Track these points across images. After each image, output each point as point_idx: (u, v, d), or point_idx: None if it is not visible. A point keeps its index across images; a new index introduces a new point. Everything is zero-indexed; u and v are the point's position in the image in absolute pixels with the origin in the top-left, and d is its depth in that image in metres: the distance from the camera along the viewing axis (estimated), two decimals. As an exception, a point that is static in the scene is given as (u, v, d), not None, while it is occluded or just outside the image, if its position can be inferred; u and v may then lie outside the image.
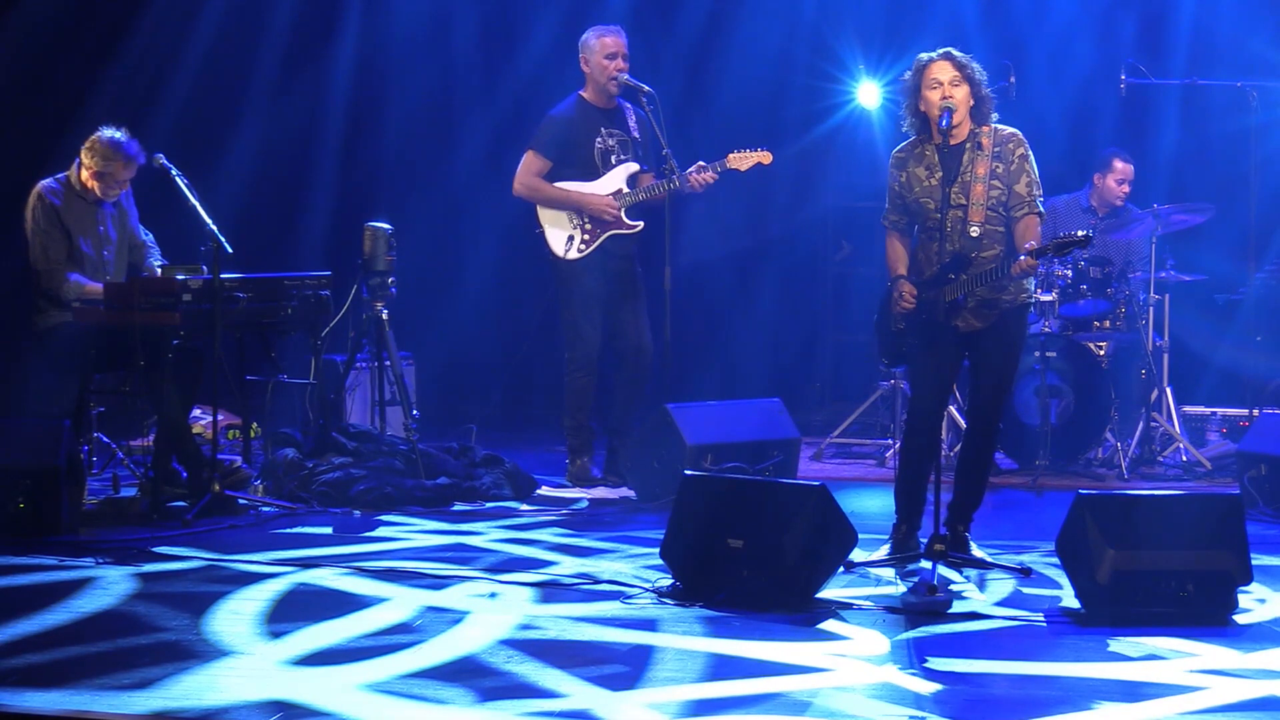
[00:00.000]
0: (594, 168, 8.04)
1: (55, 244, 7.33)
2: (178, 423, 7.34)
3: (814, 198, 10.95)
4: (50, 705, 4.26)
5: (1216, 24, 9.90)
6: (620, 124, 8.10)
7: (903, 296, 6.15)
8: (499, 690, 4.47)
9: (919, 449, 6.26)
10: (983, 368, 6.23)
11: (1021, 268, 5.97)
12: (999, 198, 6.13)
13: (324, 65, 10.52)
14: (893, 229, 6.31)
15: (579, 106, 8.10)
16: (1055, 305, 8.57)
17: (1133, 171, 9.14)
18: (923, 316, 6.12)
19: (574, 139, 8.02)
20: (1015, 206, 6.14)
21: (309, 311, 7.62)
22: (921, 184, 6.17)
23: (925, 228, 6.20)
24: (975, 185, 6.09)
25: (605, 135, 8.06)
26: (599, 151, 8.04)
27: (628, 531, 6.95)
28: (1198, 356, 9.40)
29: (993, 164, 6.12)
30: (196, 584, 5.78)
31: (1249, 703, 4.44)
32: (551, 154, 8.03)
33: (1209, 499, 5.93)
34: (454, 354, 10.48)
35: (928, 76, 6.10)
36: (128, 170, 7.40)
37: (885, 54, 10.13)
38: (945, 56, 6.13)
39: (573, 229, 8.04)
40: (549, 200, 8.04)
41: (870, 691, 4.51)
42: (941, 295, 6.01)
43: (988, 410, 6.27)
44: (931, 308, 6.06)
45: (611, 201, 7.98)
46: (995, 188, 6.12)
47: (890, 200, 6.31)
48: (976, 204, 6.08)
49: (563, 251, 8.06)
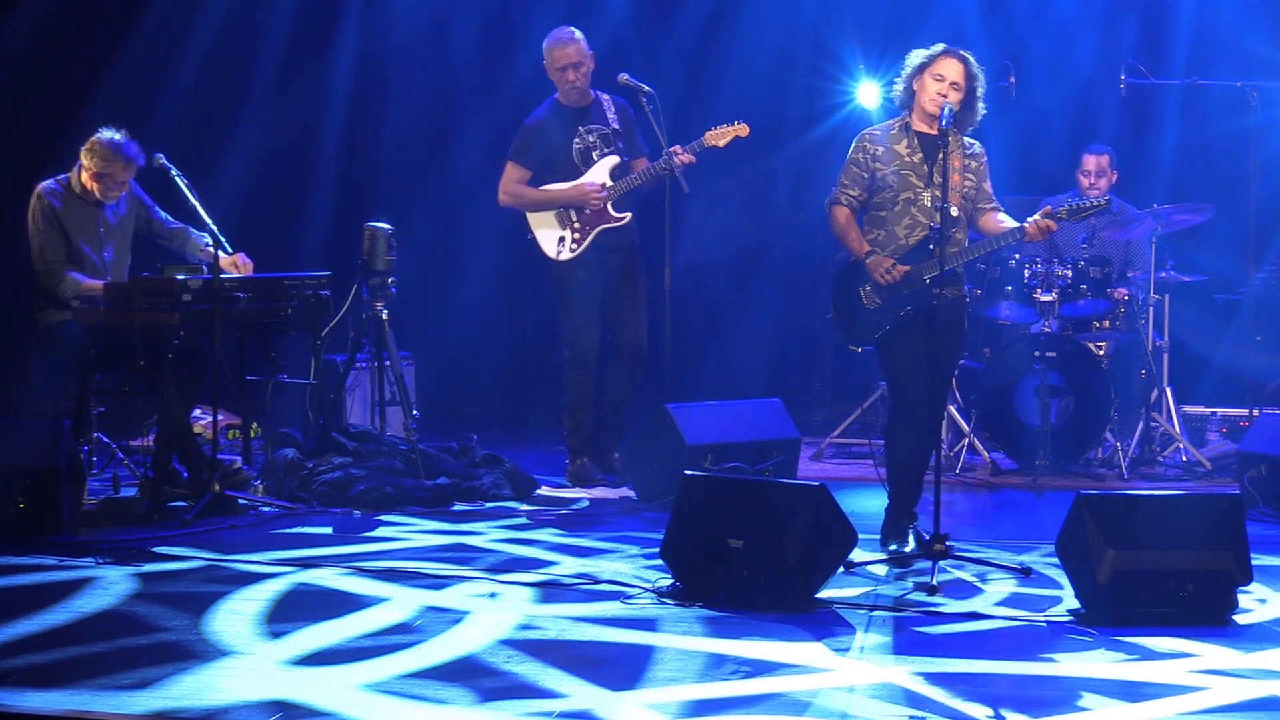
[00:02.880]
0: (574, 169, 8.08)
1: (54, 245, 7.34)
2: (178, 423, 7.34)
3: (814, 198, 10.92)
4: (50, 705, 4.26)
5: (1216, 24, 9.90)
6: (598, 118, 8.12)
7: (890, 271, 6.19)
8: (499, 690, 4.47)
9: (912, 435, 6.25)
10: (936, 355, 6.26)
11: (1039, 226, 6.07)
12: (969, 191, 6.29)
13: (324, 65, 10.52)
14: (846, 205, 6.36)
15: (552, 110, 8.16)
16: (1055, 305, 8.57)
17: (1102, 162, 9.08)
18: (904, 291, 6.17)
19: (550, 144, 8.08)
20: (983, 201, 6.36)
21: (309, 311, 7.62)
22: (903, 159, 6.26)
23: (897, 201, 6.25)
24: (953, 174, 6.19)
25: (583, 134, 8.10)
26: (577, 152, 8.08)
27: (628, 531, 6.95)
28: (1198, 356, 9.41)
29: (965, 160, 6.30)
30: (196, 584, 5.78)
31: (1249, 703, 4.44)
32: (529, 162, 8.10)
33: (1209, 499, 5.93)
34: (454, 354, 10.49)
35: (936, 66, 6.20)
36: (127, 172, 7.40)
37: (885, 54, 10.11)
38: (962, 60, 6.20)
39: (563, 230, 8.07)
40: (533, 204, 8.09)
41: (870, 691, 4.51)
42: (920, 273, 6.13)
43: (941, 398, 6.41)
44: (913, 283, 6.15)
45: (594, 186, 8.00)
46: (968, 180, 6.30)
47: (851, 177, 6.35)
48: (954, 189, 6.19)
49: (555, 253, 8.08)
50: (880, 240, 6.30)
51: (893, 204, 6.27)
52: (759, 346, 10.65)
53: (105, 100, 9.35)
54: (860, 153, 6.34)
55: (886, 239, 6.28)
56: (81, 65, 9.62)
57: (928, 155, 6.24)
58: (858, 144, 6.38)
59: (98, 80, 9.57)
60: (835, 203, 6.40)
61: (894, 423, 6.39)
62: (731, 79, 10.48)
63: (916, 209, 6.24)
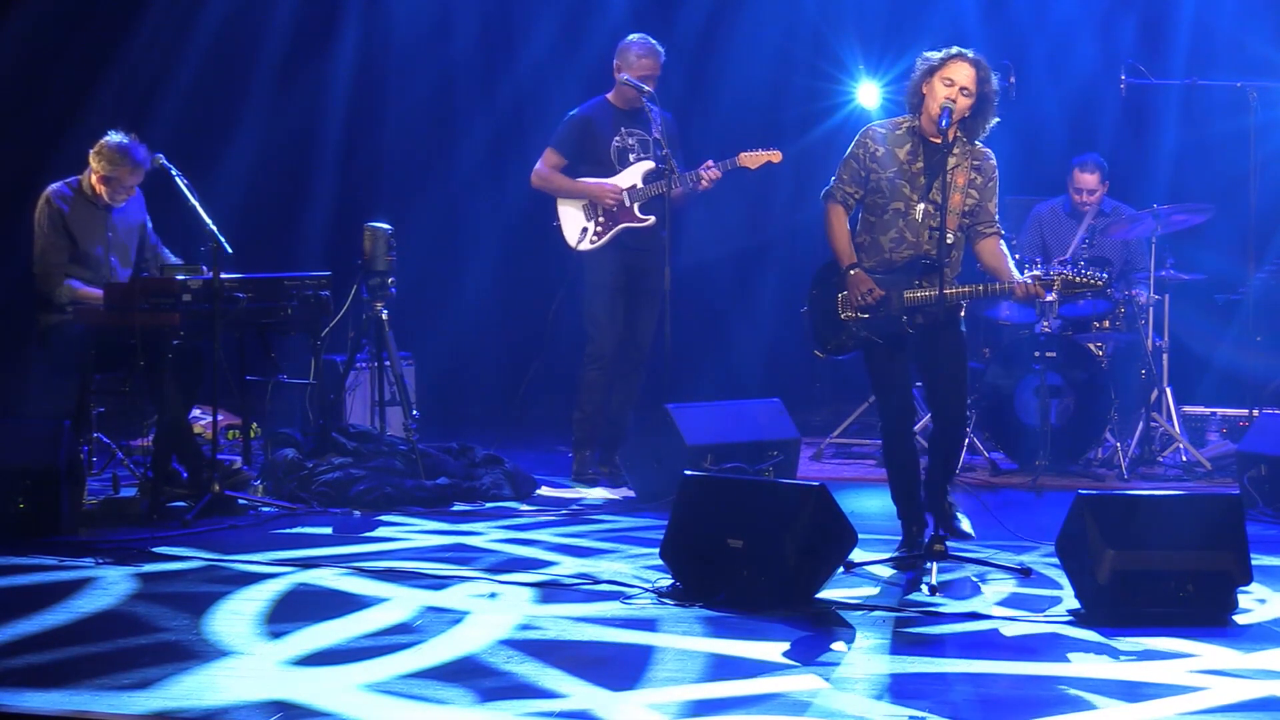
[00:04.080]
0: (610, 165, 8.21)
1: (55, 249, 7.34)
2: (178, 423, 7.34)
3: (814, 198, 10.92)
4: (50, 705, 4.26)
5: (1216, 24, 9.89)
6: (642, 125, 8.20)
7: (870, 293, 6.07)
8: (499, 690, 4.47)
9: (899, 447, 6.25)
10: (938, 365, 6.16)
11: (1028, 292, 5.98)
12: (971, 208, 6.12)
13: (324, 65, 10.52)
14: (841, 203, 6.22)
15: (600, 107, 8.30)
16: (1055, 305, 8.57)
17: (1094, 180, 9.06)
18: (882, 312, 6.09)
19: (591, 137, 8.22)
20: (984, 223, 6.15)
21: (309, 311, 7.62)
22: (900, 164, 6.11)
23: (885, 209, 6.12)
24: (954, 194, 6.04)
25: (625, 135, 8.23)
26: (615, 150, 8.21)
27: (628, 531, 6.95)
28: (1198, 356, 9.40)
29: (971, 175, 6.13)
30: (196, 584, 5.78)
31: (1249, 703, 4.44)
32: (566, 151, 8.25)
33: (1209, 499, 5.93)
34: (454, 354, 10.48)
35: (947, 70, 6.04)
36: (134, 175, 7.41)
37: (885, 54, 10.13)
38: (974, 64, 6.05)
39: (587, 221, 8.19)
40: (559, 190, 8.25)
41: (870, 691, 4.51)
42: (900, 297, 6.00)
43: (958, 401, 6.20)
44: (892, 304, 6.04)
45: (615, 187, 8.12)
46: (971, 197, 6.12)
47: (849, 172, 6.20)
48: (953, 211, 6.04)
49: (575, 242, 8.20)
50: (866, 246, 6.17)
51: (882, 211, 6.13)
52: (759, 346, 10.65)
53: (106, 100, 9.35)
54: (861, 149, 6.18)
55: (871, 247, 6.15)
56: (82, 65, 9.62)
57: (929, 167, 6.04)
58: (859, 139, 6.21)
59: (98, 80, 9.57)
60: (830, 198, 6.24)
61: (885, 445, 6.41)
62: (731, 79, 10.49)
63: (905, 223, 6.08)
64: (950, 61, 6.06)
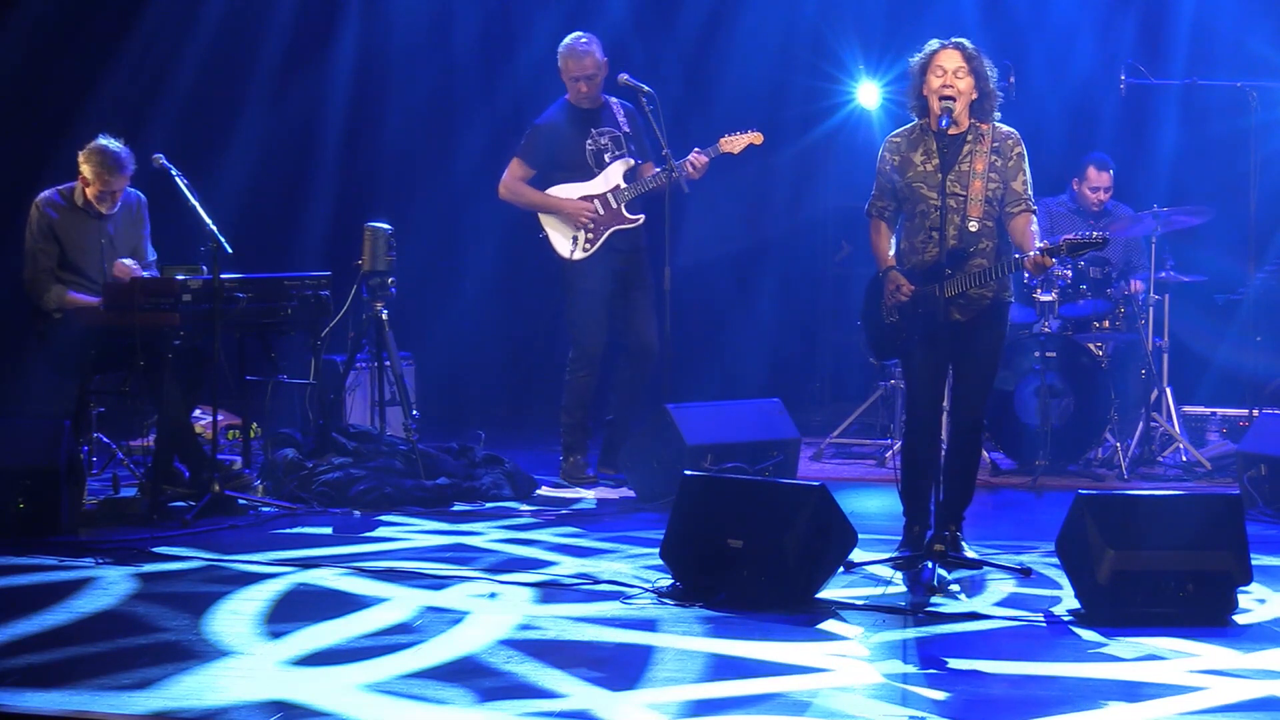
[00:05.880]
0: (587, 169, 8.14)
1: (44, 255, 7.35)
2: (179, 423, 7.34)
3: (814, 198, 10.95)
4: (50, 705, 4.26)
5: (1216, 24, 9.89)
6: (609, 121, 8.18)
7: (899, 289, 6.12)
8: (499, 690, 4.48)
9: (921, 446, 6.23)
10: (967, 363, 6.18)
11: (1036, 262, 5.95)
12: (996, 193, 6.12)
13: (324, 65, 10.52)
14: (879, 216, 6.27)
15: (564, 111, 8.22)
16: (1055, 305, 8.57)
17: (1109, 178, 9.10)
18: (919, 310, 6.10)
19: (561, 144, 8.14)
20: (1012, 203, 6.13)
21: (309, 311, 7.63)
22: (916, 169, 6.14)
23: (914, 214, 6.16)
24: (974, 180, 6.08)
25: (596, 136, 8.17)
26: (590, 152, 8.14)
27: (628, 531, 6.95)
28: (1198, 356, 9.40)
29: (991, 158, 6.12)
30: (196, 584, 5.79)
31: (1249, 703, 4.44)
32: (535, 161, 8.17)
33: (1209, 499, 5.92)
34: (454, 354, 10.49)
35: (934, 62, 6.09)
36: (118, 179, 7.38)
37: (885, 54, 10.13)
38: (956, 46, 6.12)
39: (575, 229, 8.10)
40: (529, 203, 8.21)
41: (870, 691, 4.51)
42: (937, 290, 5.98)
43: (975, 406, 6.23)
44: (928, 302, 6.04)
45: (586, 205, 8.08)
46: (993, 181, 6.11)
47: (879, 187, 6.28)
48: (975, 199, 6.07)
49: (568, 252, 8.13)
50: (905, 252, 6.22)
51: (911, 216, 6.19)
52: (759, 346, 10.65)
53: (105, 101, 9.36)
54: (881, 162, 6.25)
55: (910, 251, 6.20)
56: (81, 66, 9.62)
57: (945, 162, 6.02)
58: (881, 150, 6.29)
59: (97, 81, 9.57)
60: (869, 214, 6.31)
61: (904, 440, 6.39)
62: (731, 79, 10.48)
63: (930, 222, 6.09)
64: (935, 54, 6.12)
